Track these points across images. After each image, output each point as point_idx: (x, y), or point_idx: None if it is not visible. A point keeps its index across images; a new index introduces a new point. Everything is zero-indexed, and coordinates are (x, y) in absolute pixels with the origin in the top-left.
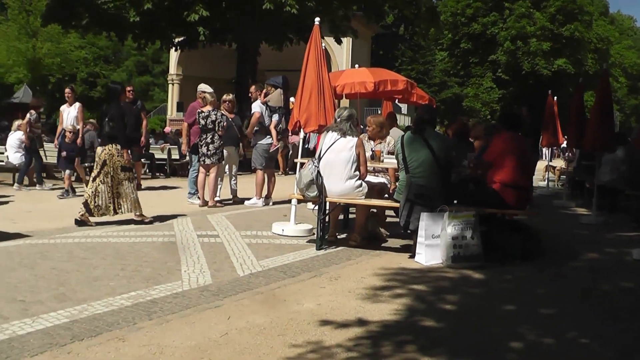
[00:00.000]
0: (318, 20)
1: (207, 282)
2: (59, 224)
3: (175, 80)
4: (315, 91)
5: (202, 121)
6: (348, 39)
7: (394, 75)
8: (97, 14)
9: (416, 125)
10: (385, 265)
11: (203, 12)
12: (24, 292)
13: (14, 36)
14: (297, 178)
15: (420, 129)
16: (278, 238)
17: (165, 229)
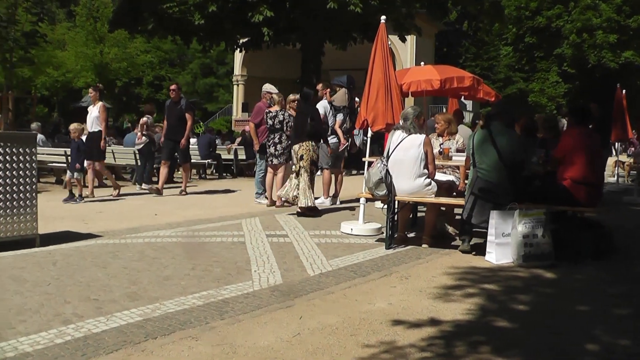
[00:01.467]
0: (384, 19)
1: (277, 282)
2: (129, 224)
3: (240, 81)
4: (382, 90)
5: (269, 121)
6: (412, 36)
7: (459, 72)
8: (163, 19)
9: (485, 121)
10: (456, 264)
11: (268, 12)
12: (97, 291)
13: (82, 42)
14: (366, 177)
15: (487, 124)
16: (347, 237)
17: (233, 228)
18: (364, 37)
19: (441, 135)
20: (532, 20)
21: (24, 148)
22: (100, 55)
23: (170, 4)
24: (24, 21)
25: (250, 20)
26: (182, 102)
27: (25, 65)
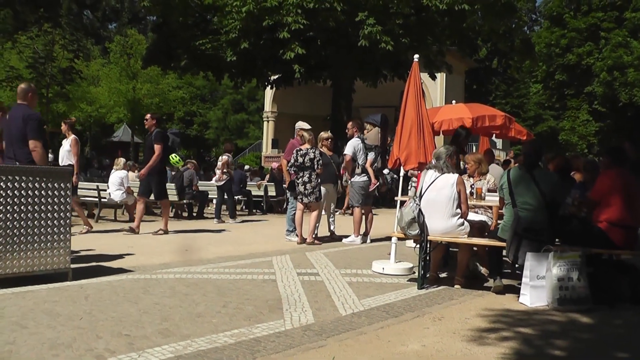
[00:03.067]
0: (417, 57)
1: (309, 321)
2: (160, 259)
3: (270, 117)
4: (415, 128)
5: (300, 159)
6: (442, 74)
7: (491, 111)
8: (195, 55)
9: (526, 160)
10: (489, 305)
11: (299, 50)
12: (129, 327)
13: (115, 78)
14: (399, 216)
15: (530, 165)
16: (378, 276)
17: (264, 266)
18: (394, 74)
19: (472, 176)
20: (563, 57)
21: (59, 183)
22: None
23: (203, 41)
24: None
25: (281, 57)
26: (154, 132)
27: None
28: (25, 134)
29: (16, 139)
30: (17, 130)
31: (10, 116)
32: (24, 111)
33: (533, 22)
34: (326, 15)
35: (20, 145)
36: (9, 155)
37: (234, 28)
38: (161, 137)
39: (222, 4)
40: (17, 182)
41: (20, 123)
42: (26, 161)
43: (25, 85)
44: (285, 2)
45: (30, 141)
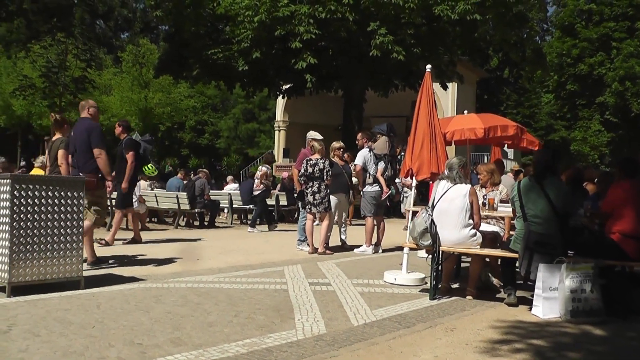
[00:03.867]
0: (429, 68)
1: (321, 332)
2: (172, 268)
3: (281, 127)
4: (427, 138)
5: (309, 169)
6: (453, 84)
7: (503, 121)
8: (207, 65)
9: (537, 171)
10: (501, 317)
11: (311, 59)
12: (141, 335)
13: (127, 87)
14: (411, 226)
15: (539, 174)
16: (390, 287)
17: (276, 276)
18: (405, 84)
19: (484, 186)
20: (574, 67)
21: (72, 192)
22: (144, 100)
23: (215, 50)
24: (74, 67)
25: (293, 67)
26: (123, 140)
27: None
28: (88, 144)
29: (80, 150)
30: (81, 141)
31: (75, 130)
32: (87, 124)
33: (544, 32)
34: (338, 25)
35: (83, 155)
36: (74, 165)
37: (246, 37)
38: (131, 144)
39: (234, 14)
40: (31, 190)
41: (84, 135)
42: (88, 169)
43: (84, 101)
44: (297, 12)
45: (95, 149)
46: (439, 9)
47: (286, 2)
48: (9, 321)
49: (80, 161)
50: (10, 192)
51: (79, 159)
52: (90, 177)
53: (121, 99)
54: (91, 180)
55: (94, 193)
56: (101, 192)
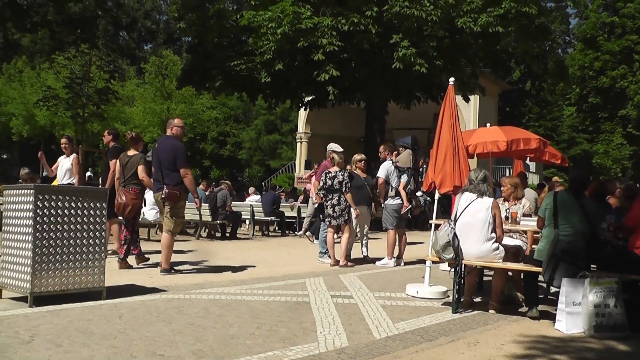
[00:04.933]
0: (452, 80)
1: (343, 345)
2: (193, 279)
3: (303, 138)
4: (450, 151)
5: (328, 181)
6: (475, 96)
7: (526, 134)
8: (230, 76)
9: (575, 186)
10: (524, 332)
11: (334, 72)
12: (163, 347)
13: (150, 98)
14: (433, 240)
15: (577, 190)
16: (412, 300)
17: (298, 288)
18: (427, 96)
19: (507, 200)
20: (596, 80)
21: (95, 202)
22: (167, 111)
23: (238, 62)
24: (97, 78)
25: (316, 78)
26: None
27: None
28: (174, 162)
29: (165, 166)
30: (167, 159)
31: (159, 146)
32: (172, 143)
33: (567, 44)
34: (361, 38)
35: (169, 172)
36: (158, 179)
37: (268, 49)
38: (115, 152)
39: (257, 26)
40: (54, 201)
41: (170, 153)
42: (174, 184)
43: (170, 119)
44: (320, 24)
45: (182, 170)
46: (462, 22)
47: (309, 15)
48: (32, 331)
49: (165, 176)
50: (34, 202)
51: (164, 174)
52: (174, 190)
53: (144, 110)
54: (174, 193)
55: (176, 205)
56: (181, 205)
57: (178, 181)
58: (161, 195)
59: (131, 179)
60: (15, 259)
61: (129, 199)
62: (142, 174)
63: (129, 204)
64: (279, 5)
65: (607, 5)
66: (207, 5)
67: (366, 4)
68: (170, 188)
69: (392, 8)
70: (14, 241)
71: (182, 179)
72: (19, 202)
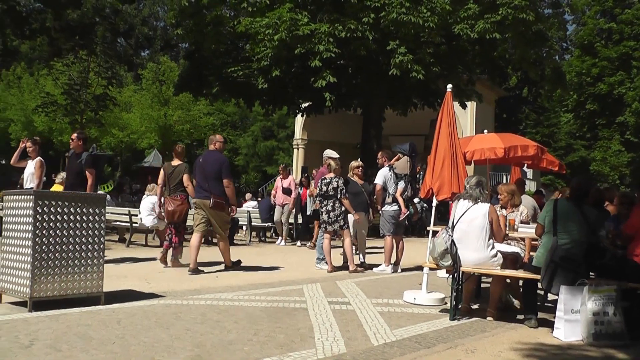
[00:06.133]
0: (450, 87)
1: (341, 351)
2: (190, 285)
3: (300, 144)
4: (448, 158)
5: (323, 187)
6: (472, 102)
7: (524, 141)
8: (227, 82)
9: (576, 194)
10: (522, 339)
11: (330, 78)
12: (161, 352)
13: (147, 104)
14: (431, 247)
15: (578, 198)
16: (410, 306)
17: (295, 294)
18: (424, 102)
19: (504, 207)
20: (594, 86)
21: (94, 208)
22: (164, 117)
23: (235, 68)
24: (95, 84)
25: (312, 85)
26: (83, 155)
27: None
28: (219, 173)
29: (210, 177)
30: (212, 170)
31: (205, 159)
32: (217, 156)
33: (564, 50)
34: (358, 44)
35: (214, 182)
36: (204, 187)
37: (265, 56)
38: (93, 161)
39: (254, 32)
40: (53, 207)
41: (216, 165)
42: (219, 193)
43: (212, 135)
44: (317, 31)
45: (225, 180)
46: (459, 28)
47: (306, 21)
48: (31, 336)
49: (211, 186)
50: (33, 207)
51: (209, 184)
52: (219, 199)
53: (141, 116)
54: (220, 202)
55: (218, 212)
56: (224, 212)
57: (222, 191)
58: (209, 203)
59: (177, 187)
60: (15, 264)
61: (176, 206)
62: (187, 181)
63: (176, 211)
64: (276, 12)
65: (604, 12)
66: (205, 12)
67: (363, 10)
68: (215, 197)
69: (389, 15)
70: (14, 246)
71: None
72: (19, 208)
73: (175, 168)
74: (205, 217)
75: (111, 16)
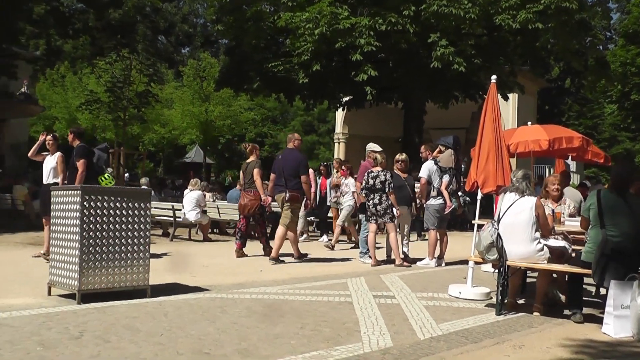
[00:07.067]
0: (495, 78)
1: (387, 345)
2: (235, 279)
3: (341, 139)
4: (492, 151)
5: (370, 181)
6: (514, 94)
7: (568, 132)
8: (267, 78)
9: (620, 184)
10: (570, 335)
11: (372, 72)
12: (209, 345)
13: (188, 100)
14: (476, 240)
15: (621, 188)
16: (455, 301)
17: (339, 288)
18: (465, 95)
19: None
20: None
21: (139, 203)
22: (205, 113)
23: (276, 63)
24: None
25: (353, 79)
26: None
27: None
28: (297, 170)
29: (288, 174)
30: (290, 168)
31: (284, 157)
32: (296, 154)
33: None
34: (398, 37)
35: (291, 178)
36: (280, 184)
37: (306, 50)
38: (83, 152)
39: (294, 27)
40: (100, 201)
41: (294, 163)
42: (294, 188)
43: (291, 134)
44: (357, 25)
45: (302, 176)
46: (500, 19)
47: (347, 15)
48: (80, 327)
49: (287, 181)
50: (80, 202)
51: (287, 180)
52: (296, 193)
53: (182, 112)
54: (296, 195)
55: (294, 205)
56: (298, 205)
57: (298, 186)
58: (284, 197)
59: (251, 182)
60: (64, 258)
61: (248, 200)
62: (257, 175)
63: (247, 204)
64: (316, 6)
65: None
66: (244, 8)
67: (404, 3)
68: (291, 191)
69: (430, 7)
70: (62, 240)
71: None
72: (67, 203)
73: (249, 165)
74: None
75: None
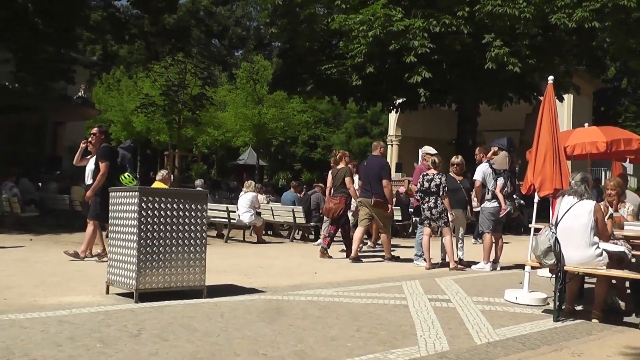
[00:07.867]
0: (552, 79)
1: (444, 349)
2: (290, 281)
3: (394, 141)
4: (550, 153)
5: (425, 184)
6: (569, 95)
7: (626, 134)
8: (321, 80)
9: None
10: (631, 343)
11: (426, 73)
12: (265, 347)
13: (241, 103)
14: (534, 244)
15: None
16: (511, 306)
17: (395, 291)
18: (519, 96)
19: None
20: None
21: (196, 205)
22: (258, 115)
23: (329, 66)
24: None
25: (407, 81)
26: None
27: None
28: (380, 176)
29: (373, 179)
30: (374, 173)
31: (369, 163)
32: (380, 160)
33: None
34: (452, 38)
35: (376, 183)
36: (367, 188)
37: (359, 52)
38: (105, 152)
39: (347, 29)
40: (157, 203)
41: (378, 169)
42: (379, 192)
43: (376, 142)
44: (411, 26)
45: (384, 181)
46: (556, 18)
47: (400, 17)
48: (139, 325)
49: (373, 186)
50: (138, 204)
51: (372, 185)
52: (380, 198)
53: (235, 115)
54: (380, 201)
55: (379, 209)
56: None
57: (383, 190)
58: (371, 202)
59: (339, 188)
60: (122, 257)
61: (333, 204)
62: (349, 184)
63: (332, 208)
64: (370, 8)
65: None
66: (298, 10)
67: (458, 4)
68: (376, 197)
69: (484, 7)
70: (120, 240)
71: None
72: (125, 204)
73: (339, 171)
74: (369, 213)
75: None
